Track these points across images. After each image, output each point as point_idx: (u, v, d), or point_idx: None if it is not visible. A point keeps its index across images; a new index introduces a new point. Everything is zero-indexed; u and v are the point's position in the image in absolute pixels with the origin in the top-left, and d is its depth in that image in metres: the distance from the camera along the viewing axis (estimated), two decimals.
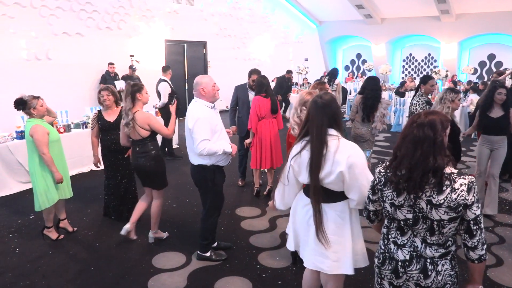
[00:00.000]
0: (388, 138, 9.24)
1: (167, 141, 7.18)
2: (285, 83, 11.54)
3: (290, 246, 2.58)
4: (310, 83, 13.21)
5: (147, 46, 10.46)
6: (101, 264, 3.64)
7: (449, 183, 1.71)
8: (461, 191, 1.70)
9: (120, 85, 8.67)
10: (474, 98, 8.82)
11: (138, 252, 3.86)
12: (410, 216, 1.81)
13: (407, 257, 1.86)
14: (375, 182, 1.95)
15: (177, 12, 11.18)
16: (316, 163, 2.20)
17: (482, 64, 15.70)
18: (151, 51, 10.56)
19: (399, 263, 1.88)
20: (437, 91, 10.43)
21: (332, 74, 8.66)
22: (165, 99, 7.02)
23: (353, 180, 2.18)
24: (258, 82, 5.04)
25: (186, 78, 11.81)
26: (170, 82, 7.23)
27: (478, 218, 1.73)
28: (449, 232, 1.78)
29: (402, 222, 1.86)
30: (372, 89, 5.05)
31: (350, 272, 2.32)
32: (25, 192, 5.48)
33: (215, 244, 3.84)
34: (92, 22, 9.14)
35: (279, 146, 5.17)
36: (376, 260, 2.01)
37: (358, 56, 18.72)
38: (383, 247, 1.98)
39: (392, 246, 1.92)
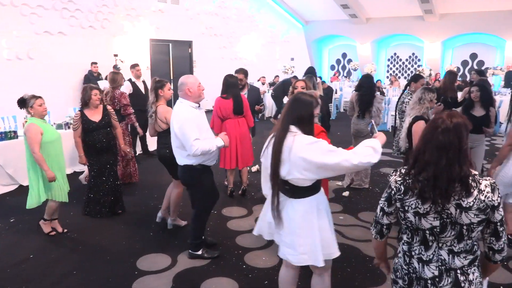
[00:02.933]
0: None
1: (141, 138, 7.05)
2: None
3: (256, 230, 2.72)
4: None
5: (132, 46, 10.34)
6: (85, 268, 3.57)
7: (475, 185, 1.65)
8: (487, 192, 1.65)
9: (103, 85, 8.51)
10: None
11: (123, 254, 3.80)
12: (437, 223, 1.68)
13: (436, 272, 1.73)
14: (392, 192, 1.79)
15: (162, 11, 11.09)
16: (274, 158, 2.31)
17: (464, 63, 15.97)
18: (136, 50, 10.44)
19: (429, 281, 1.74)
20: None
21: (312, 73, 8.68)
22: None
23: (320, 169, 2.25)
24: (223, 82, 4.99)
25: (172, 78, 11.72)
26: (136, 81, 6.86)
27: (503, 219, 1.71)
28: (477, 236, 1.73)
29: (427, 232, 1.72)
30: (368, 86, 5.23)
31: (320, 264, 2.39)
32: (5, 195, 5.35)
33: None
34: (75, 21, 8.99)
35: (247, 145, 5.14)
36: (400, 281, 1.85)
37: (344, 55, 18.85)
38: (405, 267, 1.81)
39: (416, 264, 1.77)
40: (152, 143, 7.74)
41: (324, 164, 2.22)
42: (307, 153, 2.23)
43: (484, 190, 1.65)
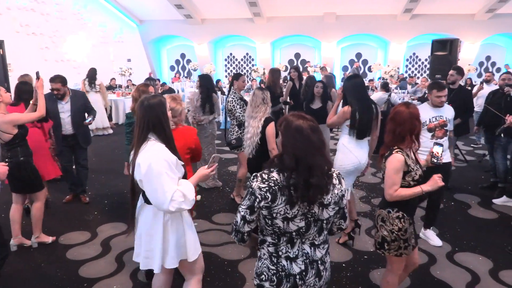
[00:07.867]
0: (220, 136, 9.48)
1: None
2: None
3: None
4: (135, 85, 12.66)
5: None
6: None
7: (330, 180, 1.73)
8: (337, 184, 1.76)
9: None
10: None
11: None
12: (302, 224, 1.73)
13: (302, 267, 1.80)
14: (257, 200, 1.70)
15: None
16: (132, 162, 2.25)
17: (291, 61, 17.81)
18: None
19: (297, 277, 1.79)
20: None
21: (92, 76, 8.89)
22: None
23: (147, 184, 2.16)
24: (14, 89, 4.41)
25: None
26: None
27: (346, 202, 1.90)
28: (331, 225, 1.87)
29: (294, 233, 1.75)
30: (203, 85, 5.35)
31: (157, 270, 2.36)
32: None
33: None
34: None
35: (46, 157, 4.41)
36: (267, 284, 1.81)
37: (183, 56, 18.83)
38: (273, 267, 1.81)
39: (284, 262, 1.80)
40: None
41: (149, 180, 2.14)
42: (147, 159, 2.14)
43: (336, 184, 1.77)
